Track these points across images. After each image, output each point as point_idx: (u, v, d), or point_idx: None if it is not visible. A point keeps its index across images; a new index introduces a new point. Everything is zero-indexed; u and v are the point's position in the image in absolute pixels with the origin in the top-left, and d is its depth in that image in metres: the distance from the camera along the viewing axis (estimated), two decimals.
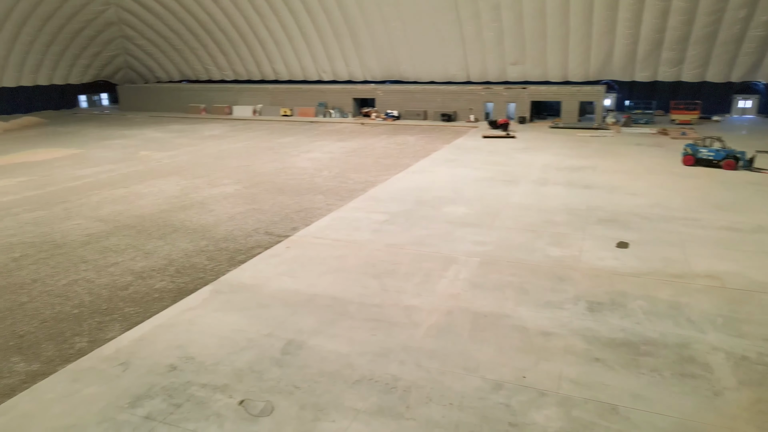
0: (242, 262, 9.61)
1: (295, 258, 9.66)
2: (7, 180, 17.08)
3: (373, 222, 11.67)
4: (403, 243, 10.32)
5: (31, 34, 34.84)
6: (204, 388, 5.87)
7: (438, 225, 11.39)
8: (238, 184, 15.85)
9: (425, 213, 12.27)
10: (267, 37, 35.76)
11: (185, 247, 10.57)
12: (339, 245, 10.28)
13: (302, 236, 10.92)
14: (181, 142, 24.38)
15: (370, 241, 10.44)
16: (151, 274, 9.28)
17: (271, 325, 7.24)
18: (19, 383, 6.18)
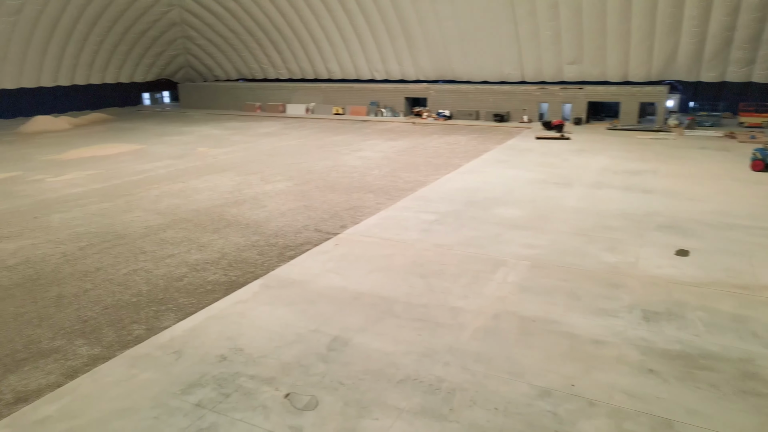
0: (291, 258, 9.78)
1: (343, 255, 9.75)
2: (77, 173, 18.05)
3: (422, 222, 11.63)
4: (451, 243, 10.24)
5: (101, 35, 36.72)
6: (252, 379, 6.01)
7: (487, 226, 11.23)
8: (289, 181, 16.15)
9: (475, 214, 12.13)
10: (322, 37, 36.29)
11: (237, 242, 10.87)
12: (387, 244, 10.30)
13: (351, 234, 11.01)
14: (236, 139, 25.08)
15: (418, 241, 10.41)
16: (204, 266, 9.59)
17: (318, 321, 7.34)
18: (82, 365, 6.52)
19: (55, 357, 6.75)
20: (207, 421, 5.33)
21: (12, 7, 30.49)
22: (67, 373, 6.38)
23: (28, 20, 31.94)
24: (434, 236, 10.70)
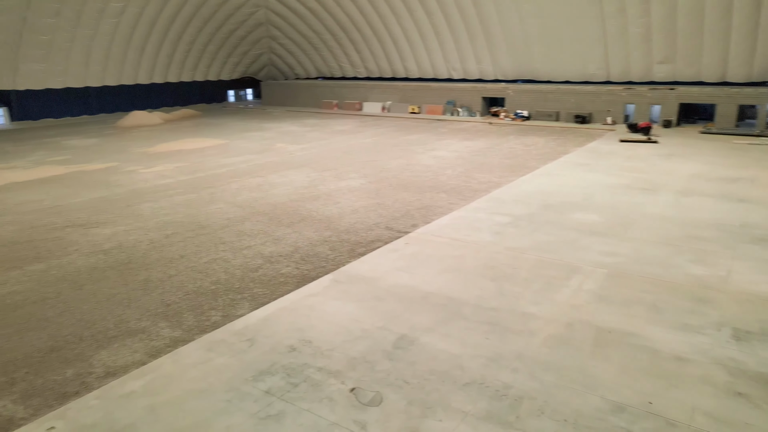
0: (362, 255, 9.90)
1: (413, 254, 9.75)
2: (166, 165, 19.21)
3: (495, 224, 11.41)
4: (524, 247, 9.98)
5: (193, 35, 38.86)
6: (319, 371, 6.14)
7: (563, 231, 10.84)
8: (363, 179, 16.36)
9: (550, 218, 11.75)
10: (401, 36, 36.46)
11: (310, 236, 11.14)
12: (458, 245, 10.19)
13: (422, 233, 10.99)
14: (313, 136, 25.72)
15: (490, 243, 10.22)
16: (278, 259, 9.91)
17: (386, 318, 7.38)
18: (164, 346, 6.93)
19: (141, 337, 7.21)
20: (275, 408, 5.50)
21: (115, 9, 32.90)
22: (150, 352, 6.80)
23: (129, 22, 34.35)
24: (507, 239, 10.47)
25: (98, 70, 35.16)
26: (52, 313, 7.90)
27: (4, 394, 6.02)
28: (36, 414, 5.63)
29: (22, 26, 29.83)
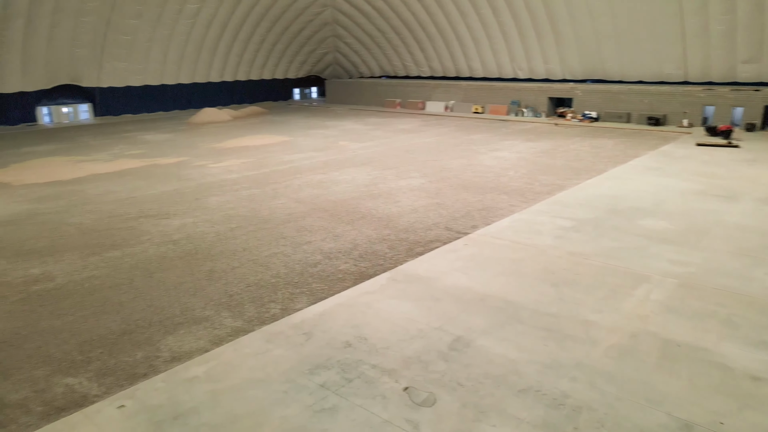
0: (420, 254, 9.88)
1: (472, 256, 9.62)
2: (233, 160, 19.90)
3: (557, 227, 11.09)
4: (588, 253, 9.63)
5: (262, 35, 40.07)
6: (374, 368, 6.17)
7: (630, 238, 10.39)
8: (424, 178, 16.31)
9: (617, 223, 11.29)
10: (466, 35, 36.09)
11: (369, 234, 11.22)
12: (518, 248, 9.98)
13: (481, 235, 10.84)
14: (375, 135, 25.90)
15: (552, 247, 9.94)
16: (337, 255, 10.05)
17: (442, 319, 7.33)
18: (226, 335, 7.19)
19: (205, 325, 7.51)
20: (330, 402, 5.58)
21: (191, 11, 34.42)
22: (213, 340, 7.07)
23: (203, 23, 35.84)
24: (569, 243, 10.14)
25: (174, 69, 36.91)
26: (125, 299, 8.37)
27: (80, 372, 6.43)
28: (108, 392, 5.98)
29: (107, 27, 31.75)
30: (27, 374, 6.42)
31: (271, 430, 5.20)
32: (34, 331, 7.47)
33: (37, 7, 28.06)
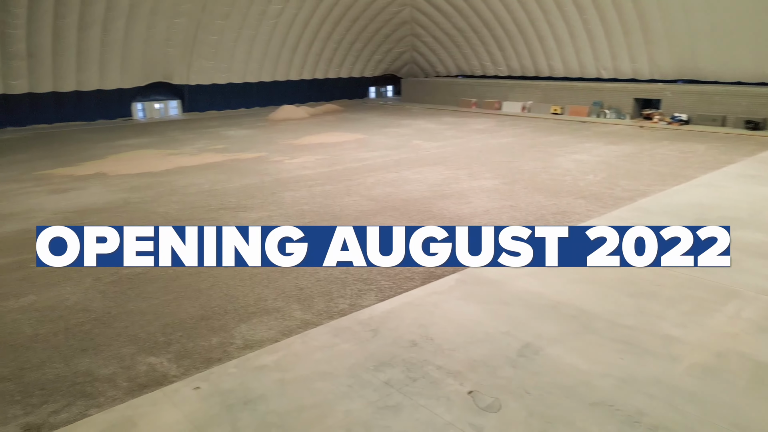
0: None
1: None
2: (308, 157, 20.43)
3: None
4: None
5: (341, 34, 40.83)
6: (438, 369, 6.13)
7: None
8: (497, 179, 16.01)
9: None
10: (547, 33, 35.02)
11: None
12: None
13: None
14: (449, 134, 25.71)
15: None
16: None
17: (510, 323, 7.16)
18: (295, 327, 7.39)
19: (276, 316, 7.75)
20: (393, 399, 5.60)
21: (275, 11, 35.65)
22: (283, 331, 7.29)
23: (285, 23, 37.02)
24: None
25: (256, 67, 38.38)
26: (204, 286, 8.80)
27: (162, 352, 6.83)
28: (186, 373, 6.32)
29: (197, 28, 33.51)
30: (115, 351, 6.90)
31: (335, 422, 5.28)
32: (123, 311, 8.01)
33: (136, 9, 30.08)
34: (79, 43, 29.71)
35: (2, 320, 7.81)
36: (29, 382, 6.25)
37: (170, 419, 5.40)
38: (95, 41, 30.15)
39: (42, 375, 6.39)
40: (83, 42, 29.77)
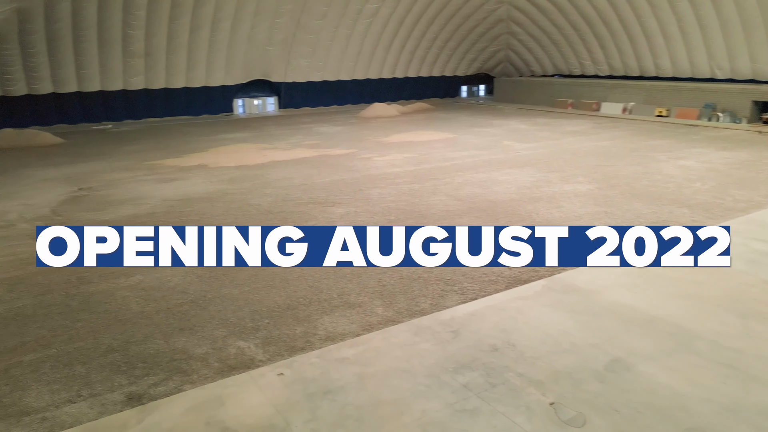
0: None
1: (641, 272, 8.77)
2: (397, 155, 20.57)
3: (751, 251, 9.62)
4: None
5: (435, 33, 40.73)
6: (520, 377, 5.95)
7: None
8: (591, 184, 15.27)
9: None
10: (655, 29, 32.81)
11: None
12: (698, 269, 8.84)
13: None
14: (542, 135, 24.87)
15: (742, 273, 8.66)
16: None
17: (599, 336, 6.80)
18: (376, 323, 7.47)
19: (358, 311, 7.88)
20: (471, 403, 5.51)
21: (371, 10, 36.22)
22: (364, 326, 7.40)
23: (381, 21, 37.51)
24: (766, 271, 8.74)
25: (350, 66, 39.23)
26: (291, 277, 9.12)
27: (250, 337, 7.17)
28: (271, 359, 6.59)
29: (296, 27, 34.80)
30: (209, 333, 7.33)
31: (411, 420, 5.28)
32: (217, 296, 8.50)
33: (241, 11, 31.76)
34: (190, 44, 31.85)
35: (114, 296, 8.55)
36: (133, 355, 6.80)
37: (255, 402, 5.65)
38: (204, 41, 32.19)
39: (144, 349, 6.93)
40: (193, 42, 31.89)
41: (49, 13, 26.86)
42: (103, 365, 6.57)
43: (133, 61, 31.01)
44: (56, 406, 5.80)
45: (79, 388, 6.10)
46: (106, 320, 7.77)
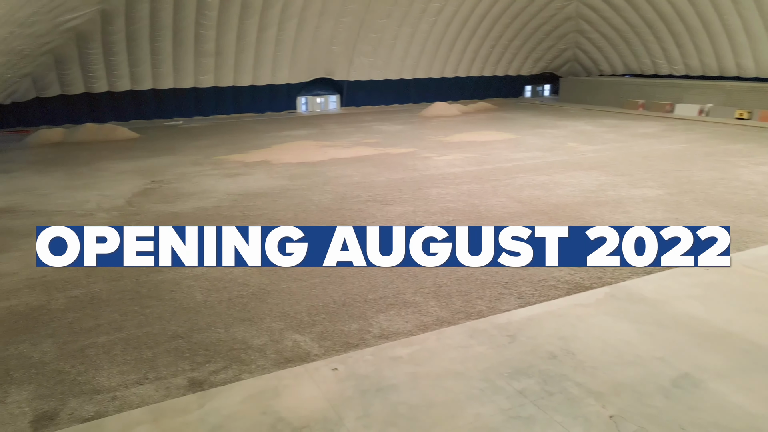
0: (647, 273, 8.86)
1: (714, 284, 8.29)
2: (457, 155, 20.38)
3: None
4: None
5: (500, 31, 40.03)
6: (578, 387, 5.76)
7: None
8: (662, 189, 14.56)
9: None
10: (738, 27, 30.85)
11: None
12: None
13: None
14: (609, 138, 23.96)
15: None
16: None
17: (666, 349, 6.47)
18: (432, 323, 7.44)
19: (413, 310, 7.87)
20: (526, 411, 5.38)
21: (435, 9, 36.04)
22: (419, 326, 7.38)
23: (444, 20, 37.26)
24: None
25: (412, 64, 39.22)
26: (348, 274, 9.22)
27: (306, 331, 7.31)
28: (326, 354, 6.69)
29: (360, 26, 35.13)
30: (267, 325, 7.53)
31: (464, 423, 5.22)
32: (276, 289, 8.71)
33: (307, 11, 32.40)
34: (258, 43, 32.83)
35: (180, 285, 8.94)
36: (196, 342, 7.08)
37: (309, 395, 5.75)
38: (271, 41, 33.08)
39: (207, 337, 7.21)
40: (261, 41, 32.84)
41: (129, 14, 28.39)
42: (168, 350, 6.88)
43: (204, 60, 32.29)
44: (125, 386, 6.12)
45: (146, 371, 6.42)
46: (172, 308, 8.13)
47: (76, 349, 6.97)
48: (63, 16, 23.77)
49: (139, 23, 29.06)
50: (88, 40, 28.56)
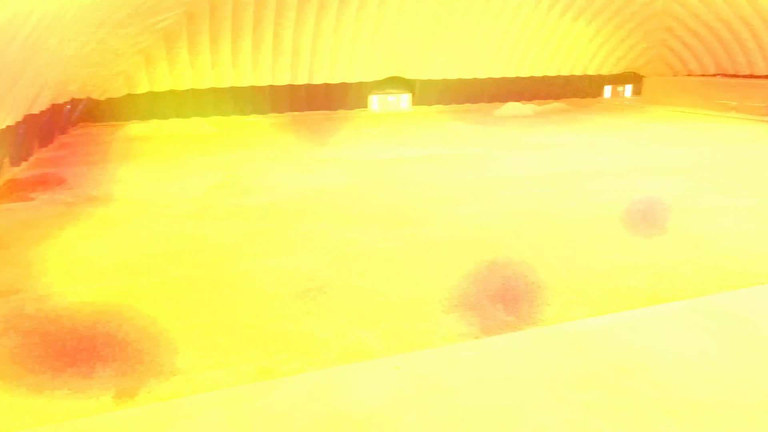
0: (736, 288, 8.27)
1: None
2: (530, 156, 19.87)
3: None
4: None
5: (580, 29, 38.53)
6: (651, 403, 5.47)
7: None
8: (758, 198, 13.53)
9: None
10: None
11: (673, 253, 9.88)
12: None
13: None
14: (695, 141, 22.55)
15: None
16: (629, 269, 9.16)
17: (755, 371, 6.01)
18: (495, 326, 7.32)
19: (476, 313, 7.76)
20: (593, 425, 5.16)
21: (513, 7, 35.27)
22: (484, 329, 7.27)
23: (522, 18, 36.37)
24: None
25: (487, 63, 38.57)
26: (417, 272, 9.22)
27: (371, 329, 7.39)
28: (389, 352, 6.73)
29: (436, 25, 34.98)
30: (333, 319, 7.68)
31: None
32: (344, 284, 8.86)
33: (384, 8, 32.65)
34: (333, 42, 33.45)
35: (252, 277, 9.29)
36: (266, 332, 7.33)
37: (370, 392, 5.81)
38: (346, 40, 33.62)
39: (276, 328, 7.45)
40: (336, 40, 33.43)
41: (213, 15, 29.77)
42: (240, 338, 7.18)
43: (281, 59, 33.31)
44: (200, 370, 6.45)
45: (219, 357, 6.73)
46: (246, 297, 8.46)
47: (156, 331, 7.41)
48: (154, 17, 25.30)
49: (221, 23, 30.41)
50: (175, 41, 30.21)
